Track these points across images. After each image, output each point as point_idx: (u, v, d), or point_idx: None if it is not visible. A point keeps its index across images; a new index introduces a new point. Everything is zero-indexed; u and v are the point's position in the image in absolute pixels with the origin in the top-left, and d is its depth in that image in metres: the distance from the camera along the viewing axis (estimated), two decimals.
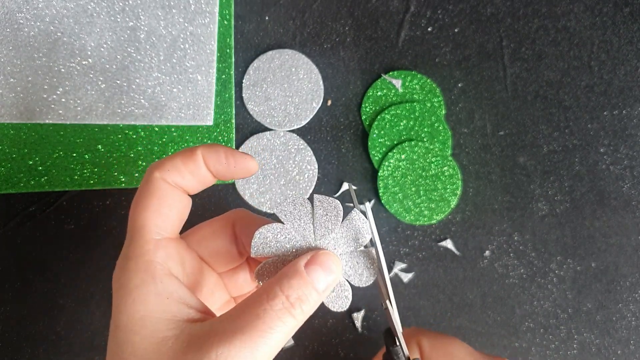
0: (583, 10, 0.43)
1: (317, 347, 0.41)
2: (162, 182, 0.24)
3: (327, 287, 0.23)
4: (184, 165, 0.24)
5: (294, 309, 0.21)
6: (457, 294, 0.41)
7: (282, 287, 0.22)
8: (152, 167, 0.24)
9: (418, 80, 0.43)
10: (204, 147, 0.24)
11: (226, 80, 0.42)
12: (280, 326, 0.21)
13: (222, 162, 0.24)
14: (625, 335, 0.41)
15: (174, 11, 0.42)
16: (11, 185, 0.40)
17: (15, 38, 0.40)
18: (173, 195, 0.24)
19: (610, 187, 0.42)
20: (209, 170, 0.24)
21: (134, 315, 0.21)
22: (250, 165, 0.25)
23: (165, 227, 0.24)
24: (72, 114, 0.40)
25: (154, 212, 0.23)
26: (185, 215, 0.25)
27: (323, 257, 0.23)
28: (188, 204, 0.25)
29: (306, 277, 0.22)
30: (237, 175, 0.25)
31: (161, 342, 0.21)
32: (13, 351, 0.40)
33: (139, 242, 0.23)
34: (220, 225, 0.27)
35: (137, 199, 0.24)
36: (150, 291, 0.22)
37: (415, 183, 0.42)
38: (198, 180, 0.25)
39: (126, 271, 0.22)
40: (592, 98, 0.43)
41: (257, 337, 0.20)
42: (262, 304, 0.21)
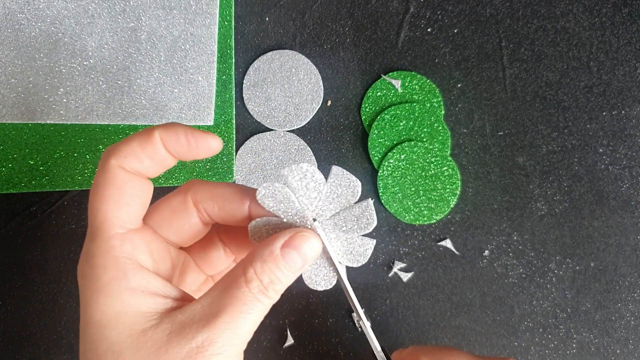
0: (582, 11, 0.43)
1: (317, 346, 0.41)
2: (120, 170, 0.22)
3: (302, 267, 0.23)
4: (142, 149, 0.23)
5: (268, 291, 0.22)
6: (456, 294, 0.41)
7: (257, 270, 0.22)
8: (107, 154, 0.23)
9: (417, 80, 0.43)
10: (161, 128, 0.23)
11: (227, 80, 0.43)
12: (258, 306, 0.22)
13: (182, 143, 0.23)
14: (624, 334, 0.41)
15: (175, 12, 0.42)
16: (12, 185, 0.40)
17: (16, 39, 0.40)
18: (133, 184, 0.23)
19: (609, 187, 0.42)
20: (168, 152, 0.23)
21: (107, 311, 0.21)
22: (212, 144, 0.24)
23: (128, 219, 0.23)
24: (73, 115, 0.40)
25: (115, 205, 0.22)
26: (147, 201, 0.24)
27: (300, 240, 0.23)
28: (149, 189, 0.24)
29: (280, 261, 0.22)
30: (199, 156, 0.24)
31: (140, 334, 0.21)
32: (14, 351, 0.40)
33: (103, 238, 0.22)
34: (178, 201, 0.25)
35: (94, 189, 0.23)
36: (122, 287, 0.21)
37: (415, 183, 0.42)
38: (157, 164, 0.23)
39: (94, 268, 0.22)
40: (591, 98, 0.43)
41: (238, 318, 0.21)
42: (240, 286, 0.22)
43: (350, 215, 0.24)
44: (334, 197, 0.24)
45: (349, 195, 0.24)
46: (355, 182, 0.23)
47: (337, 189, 0.24)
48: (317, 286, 0.25)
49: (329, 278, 0.25)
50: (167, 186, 0.41)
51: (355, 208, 0.24)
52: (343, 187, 0.24)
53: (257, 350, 0.41)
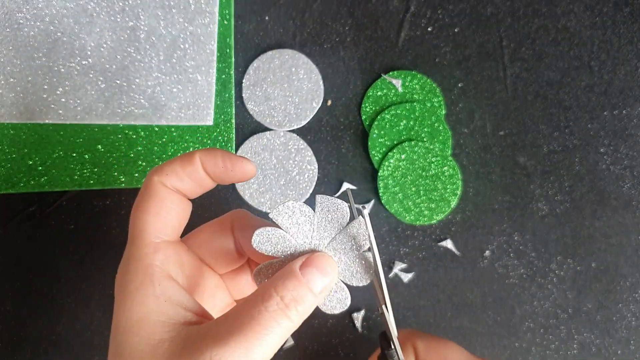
0: (583, 10, 0.43)
1: (317, 347, 0.41)
2: (161, 186, 0.24)
3: (323, 288, 0.23)
4: (183, 169, 0.24)
5: (289, 310, 0.21)
6: (457, 294, 0.41)
7: (277, 288, 0.22)
8: (151, 172, 0.24)
9: (418, 80, 0.43)
10: (202, 152, 0.25)
11: (226, 80, 0.42)
12: (275, 327, 0.21)
13: (220, 166, 0.24)
14: (625, 335, 0.41)
15: (174, 11, 0.42)
16: (11, 185, 0.40)
17: (15, 38, 0.40)
18: (172, 199, 0.24)
19: (610, 187, 0.42)
20: (207, 174, 0.25)
21: (132, 317, 0.22)
22: (248, 169, 0.25)
23: (164, 230, 0.24)
24: (72, 114, 0.40)
25: (153, 216, 0.24)
26: (185, 218, 0.25)
27: (319, 259, 0.23)
28: (188, 207, 0.25)
29: (301, 279, 0.22)
30: (235, 179, 0.25)
31: (157, 344, 0.21)
32: (13, 351, 0.40)
33: (139, 245, 0.23)
34: (219, 227, 0.27)
35: (137, 203, 0.24)
36: (148, 294, 0.22)
37: (415, 183, 0.42)
38: (197, 184, 0.25)
39: (126, 274, 0.23)
40: (592, 98, 0.43)
41: (252, 338, 0.20)
42: (257, 305, 0.21)
43: (346, 237, 0.24)
44: (326, 224, 0.24)
45: (339, 219, 0.24)
46: (342, 204, 0.24)
47: (327, 215, 0.24)
48: (334, 310, 0.25)
49: (343, 300, 0.25)
50: None
51: (350, 228, 0.24)
52: (332, 212, 0.24)
53: None
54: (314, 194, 0.42)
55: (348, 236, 0.24)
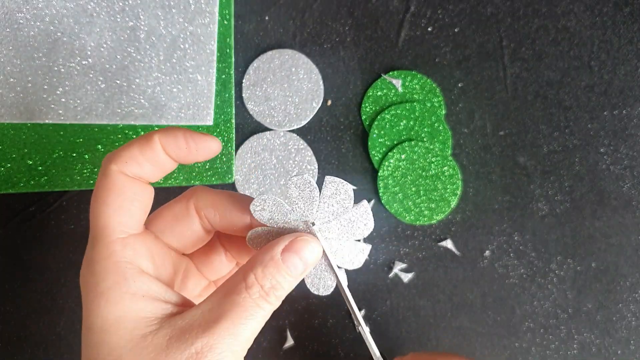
0: (583, 10, 0.43)
1: (317, 347, 0.41)
2: (121, 175, 0.23)
3: (303, 272, 0.23)
4: (142, 153, 0.23)
5: (269, 297, 0.22)
6: (457, 294, 0.41)
7: (257, 276, 0.22)
8: (107, 160, 0.23)
9: (418, 80, 0.43)
10: (160, 133, 0.23)
11: (226, 80, 0.42)
12: (258, 312, 0.22)
13: (182, 146, 0.23)
14: (625, 335, 0.41)
15: (174, 11, 0.42)
16: (11, 185, 0.40)
17: (15, 38, 0.40)
18: (133, 188, 0.23)
19: (610, 187, 0.42)
20: (168, 156, 0.24)
21: (107, 316, 0.21)
22: (212, 146, 0.24)
23: (129, 224, 0.23)
24: (72, 114, 0.40)
25: (116, 210, 0.23)
26: (148, 206, 0.24)
27: (301, 244, 0.23)
28: (150, 194, 0.24)
29: (281, 265, 0.22)
30: (199, 158, 0.24)
31: (140, 339, 0.21)
32: (13, 351, 0.40)
33: (104, 243, 0.22)
34: (181, 207, 0.25)
35: (95, 195, 0.23)
36: (123, 292, 0.22)
37: (416, 183, 0.42)
38: (158, 168, 0.24)
39: (94, 273, 0.22)
40: (592, 98, 0.42)
41: (238, 324, 0.21)
42: (241, 292, 0.21)
43: (347, 220, 0.24)
44: (329, 203, 0.24)
45: (344, 200, 0.24)
46: (348, 187, 0.24)
47: (332, 195, 0.24)
48: (319, 291, 0.25)
49: (331, 282, 0.25)
50: (166, 186, 0.41)
51: (352, 212, 0.24)
52: (338, 193, 0.24)
53: (257, 351, 0.40)
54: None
55: (349, 219, 0.24)
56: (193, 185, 0.41)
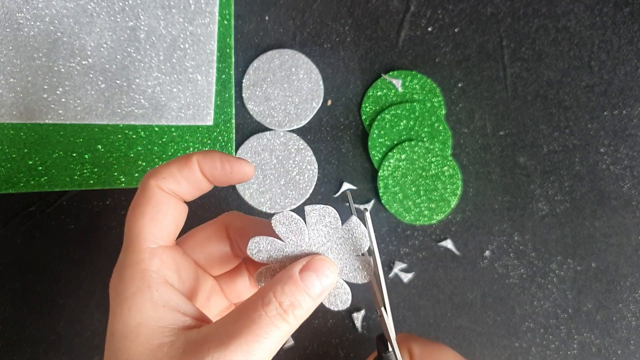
0: (583, 10, 0.43)
1: (317, 347, 0.41)
2: (158, 189, 0.24)
3: (322, 292, 0.23)
4: (180, 172, 0.24)
5: (287, 315, 0.22)
6: (457, 294, 0.41)
7: (276, 293, 0.22)
8: (147, 175, 0.24)
9: (418, 80, 0.43)
10: (199, 154, 0.24)
11: (226, 80, 0.42)
12: (274, 331, 0.21)
13: (218, 168, 0.24)
14: (625, 335, 0.41)
15: (174, 11, 0.42)
16: (11, 185, 0.40)
17: (15, 38, 0.40)
18: (169, 203, 0.24)
19: (610, 187, 0.42)
20: (204, 176, 0.24)
21: (129, 322, 0.22)
22: (247, 170, 0.25)
23: (160, 235, 0.24)
24: (72, 114, 0.40)
25: (149, 220, 0.23)
26: (181, 222, 0.25)
27: (318, 263, 0.23)
28: (184, 211, 0.25)
29: (300, 284, 0.22)
30: (234, 181, 0.25)
31: (156, 349, 0.21)
32: (13, 351, 0.40)
33: (135, 251, 0.23)
34: (214, 230, 0.27)
35: (133, 206, 0.24)
36: (145, 299, 0.22)
37: (416, 183, 0.42)
38: (194, 187, 0.25)
39: (122, 279, 0.23)
40: (592, 98, 0.43)
41: (252, 342, 0.21)
42: (257, 309, 0.21)
43: (343, 237, 0.24)
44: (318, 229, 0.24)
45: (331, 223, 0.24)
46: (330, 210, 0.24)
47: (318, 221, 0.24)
48: (338, 307, 0.25)
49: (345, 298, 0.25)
50: None
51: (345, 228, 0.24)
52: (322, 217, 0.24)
53: None
54: (314, 194, 0.42)
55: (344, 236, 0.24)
56: None
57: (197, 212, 0.41)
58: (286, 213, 0.23)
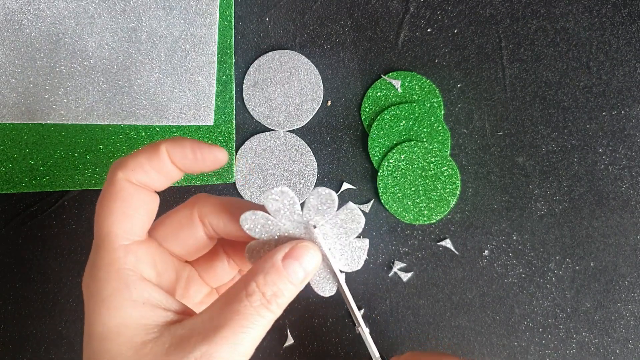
0: (582, 12, 0.43)
1: (317, 346, 0.41)
2: (126, 182, 0.23)
3: (305, 278, 0.23)
4: (149, 162, 0.23)
5: (270, 305, 0.22)
6: (456, 294, 0.41)
7: (259, 283, 0.22)
8: (114, 167, 0.23)
9: (417, 80, 0.43)
10: (168, 142, 0.23)
11: (227, 81, 0.43)
12: (259, 320, 0.21)
13: (189, 156, 0.23)
14: (623, 334, 0.41)
15: (175, 12, 0.42)
16: (12, 185, 0.40)
17: (16, 39, 0.40)
18: (139, 196, 0.23)
19: (608, 187, 0.42)
20: (175, 165, 0.23)
21: (108, 323, 0.21)
22: (219, 157, 0.24)
23: (133, 231, 0.23)
24: (74, 115, 0.41)
25: (120, 216, 0.22)
26: (153, 214, 0.24)
27: (300, 250, 0.23)
28: (155, 202, 0.24)
29: (282, 272, 0.22)
30: (206, 168, 0.24)
31: (140, 347, 0.21)
32: (14, 351, 0.40)
33: (108, 250, 0.22)
34: (184, 215, 0.25)
35: (101, 202, 0.23)
36: (124, 299, 0.21)
37: (415, 183, 0.42)
38: (164, 177, 0.24)
39: (97, 280, 0.22)
40: (591, 99, 0.43)
41: (238, 332, 0.21)
42: (241, 300, 0.21)
43: (337, 221, 0.24)
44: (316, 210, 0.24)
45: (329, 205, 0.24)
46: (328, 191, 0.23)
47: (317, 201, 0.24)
48: (325, 292, 0.25)
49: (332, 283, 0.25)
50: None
51: (341, 212, 0.24)
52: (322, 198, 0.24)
53: (257, 350, 0.40)
54: None
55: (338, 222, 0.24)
56: (194, 185, 0.42)
57: None
58: (281, 189, 0.23)
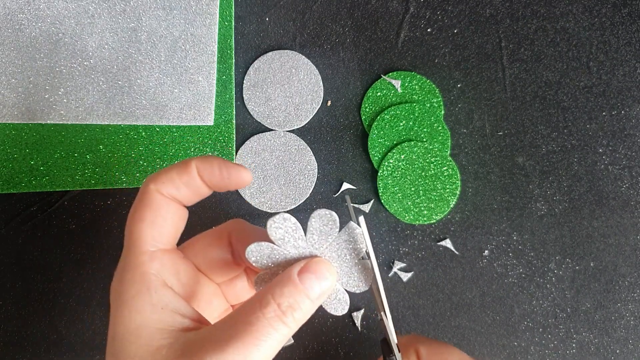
0: (582, 11, 0.43)
1: (317, 346, 0.41)
2: (157, 194, 0.24)
3: (321, 294, 0.23)
4: (179, 177, 0.24)
5: (286, 317, 0.21)
6: (456, 294, 0.41)
7: (274, 295, 0.22)
8: (147, 180, 0.24)
9: (417, 80, 0.43)
10: (198, 159, 0.25)
11: (227, 81, 0.43)
12: (272, 333, 0.21)
13: (216, 174, 0.24)
14: (623, 334, 0.41)
15: (175, 12, 0.42)
16: (13, 185, 0.40)
17: (17, 39, 0.40)
18: (168, 207, 0.24)
19: (608, 187, 0.42)
20: (203, 182, 0.25)
21: (129, 325, 0.22)
22: (244, 177, 0.25)
23: (160, 239, 0.24)
24: (74, 115, 0.41)
25: (149, 224, 0.24)
26: (181, 226, 0.25)
27: (317, 265, 0.23)
28: (184, 215, 0.25)
29: (299, 285, 0.22)
30: (231, 187, 0.25)
31: (156, 351, 0.21)
32: (14, 351, 0.40)
33: (135, 254, 0.23)
34: (216, 237, 0.27)
35: (133, 211, 0.24)
36: (145, 302, 0.22)
37: (415, 183, 0.42)
38: (193, 192, 0.25)
39: (123, 282, 0.23)
40: (591, 99, 0.43)
41: (250, 345, 0.20)
42: (255, 311, 0.21)
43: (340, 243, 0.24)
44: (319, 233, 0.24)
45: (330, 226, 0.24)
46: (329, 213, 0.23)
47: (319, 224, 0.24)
48: (337, 311, 0.25)
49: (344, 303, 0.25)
50: None
51: (343, 234, 0.24)
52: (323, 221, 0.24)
53: None
54: (313, 194, 0.42)
55: (342, 242, 0.24)
56: None
57: (198, 212, 0.42)
58: (283, 215, 0.23)
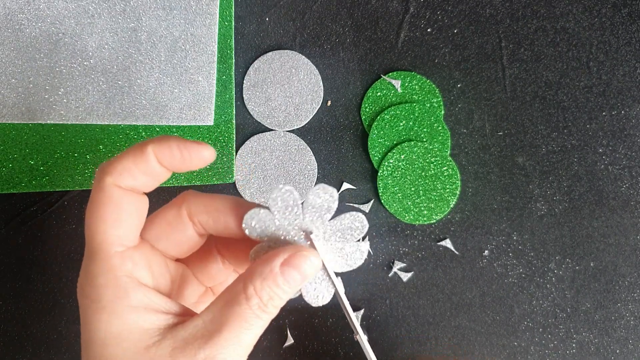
0: (582, 11, 0.43)
1: (317, 346, 0.41)
2: (115, 188, 0.22)
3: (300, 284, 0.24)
4: (136, 165, 0.23)
5: (267, 307, 0.23)
6: (456, 294, 0.41)
7: (256, 288, 0.22)
8: (101, 172, 0.23)
9: (417, 80, 0.43)
10: (154, 142, 0.23)
11: (227, 81, 0.43)
12: (257, 322, 0.22)
13: (176, 155, 0.23)
14: (623, 334, 0.41)
15: (175, 12, 0.42)
16: (12, 185, 0.40)
17: (16, 39, 0.40)
18: (129, 201, 0.23)
19: (608, 187, 0.42)
20: (162, 165, 0.23)
21: (110, 329, 0.21)
22: (206, 154, 0.23)
23: (126, 237, 0.23)
24: (74, 115, 0.41)
25: (112, 223, 0.22)
26: (144, 216, 0.24)
27: (299, 260, 0.23)
28: (145, 204, 0.24)
29: (279, 280, 0.23)
30: (192, 167, 0.24)
31: (144, 352, 0.21)
32: (14, 351, 0.40)
33: (103, 257, 0.22)
34: (173, 214, 0.25)
35: (91, 208, 0.23)
36: (125, 306, 0.22)
37: (415, 183, 0.42)
38: (152, 179, 0.23)
39: (95, 287, 0.22)
40: (591, 99, 0.43)
41: (239, 333, 0.22)
42: (240, 303, 0.22)
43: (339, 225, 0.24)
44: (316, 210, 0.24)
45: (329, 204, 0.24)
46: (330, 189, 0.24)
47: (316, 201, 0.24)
48: (317, 302, 0.25)
49: (327, 293, 0.25)
50: (168, 186, 0.41)
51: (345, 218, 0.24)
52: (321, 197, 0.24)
53: (257, 350, 0.41)
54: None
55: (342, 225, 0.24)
56: (194, 184, 0.42)
57: None
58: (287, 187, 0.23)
